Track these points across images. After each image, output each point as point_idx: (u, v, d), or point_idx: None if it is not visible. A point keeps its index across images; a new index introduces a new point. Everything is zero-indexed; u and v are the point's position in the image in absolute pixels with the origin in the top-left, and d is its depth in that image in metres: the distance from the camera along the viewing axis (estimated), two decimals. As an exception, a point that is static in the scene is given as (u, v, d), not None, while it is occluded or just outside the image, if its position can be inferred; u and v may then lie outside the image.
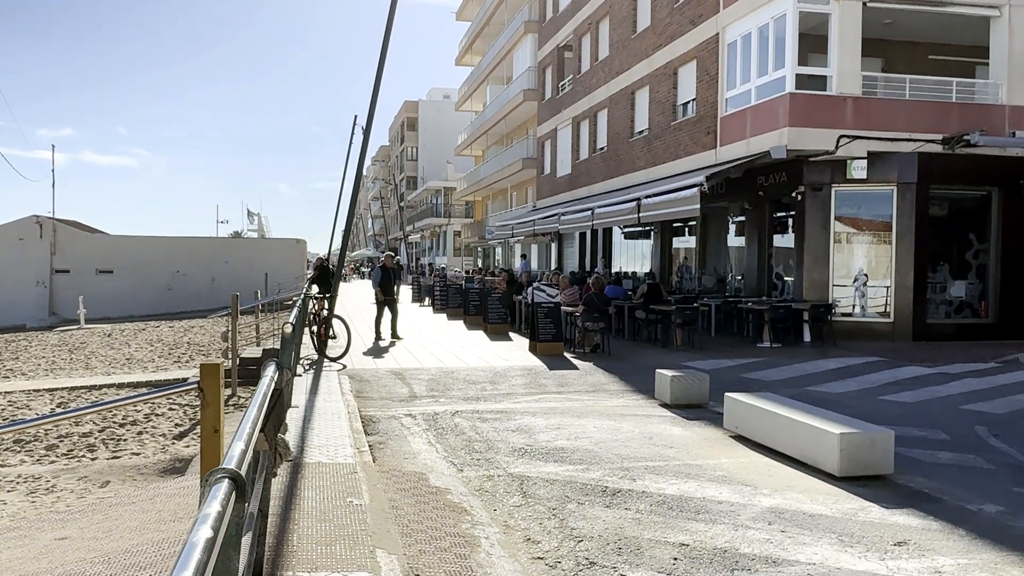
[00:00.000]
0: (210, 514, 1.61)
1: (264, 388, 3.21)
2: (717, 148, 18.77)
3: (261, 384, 3.33)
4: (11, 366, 20.09)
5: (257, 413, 2.69)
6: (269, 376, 3.51)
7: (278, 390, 3.61)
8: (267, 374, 3.58)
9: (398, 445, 7.68)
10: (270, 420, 3.40)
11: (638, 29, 23.93)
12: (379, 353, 14.94)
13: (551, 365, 13.22)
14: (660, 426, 8.64)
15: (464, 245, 61.53)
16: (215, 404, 4.26)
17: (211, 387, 4.26)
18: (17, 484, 8.45)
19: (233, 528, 1.87)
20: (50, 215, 38.28)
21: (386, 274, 17.05)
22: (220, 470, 1.87)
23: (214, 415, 4.26)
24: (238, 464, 1.98)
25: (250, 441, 2.28)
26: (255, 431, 2.46)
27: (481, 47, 49.72)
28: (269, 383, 3.39)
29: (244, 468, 2.03)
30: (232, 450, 2.11)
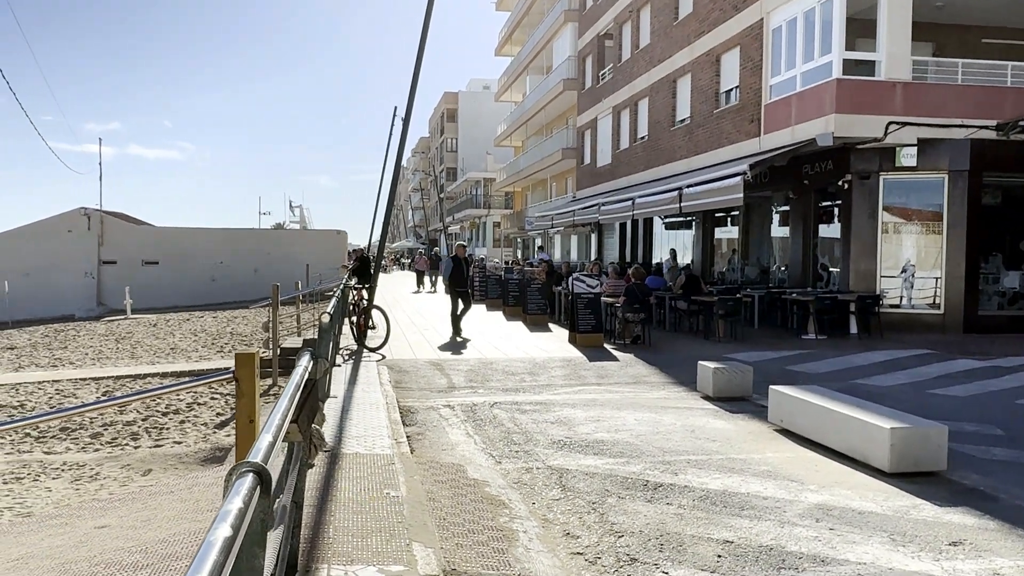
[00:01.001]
0: (230, 511, 1.53)
1: (296, 379, 3.14)
2: (761, 136, 18.41)
3: (294, 375, 3.27)
4: (60, 355, 20.51)
5: (288, 404, 2.62)
6: (303, 367, 3.44)
7: (312, 380, 3.54)
8: (301, 364, 3.52)
9: (436, 436, 7.62)
10: (303, 411, 3.33)
11: (680, 16, 23.56)
12: (418, 344, 14.92)
13: (591, 356, 13.08)
14: (702, 419, 8.46)
15: (504, 236, 61.48)
16: (250, 394, 4.22)
17: (247, 377, 4.22)
18: (62, 471, 8.57)
19: (257, 524, 1.79)
20: (97, 207, 38.99)
21: (458, 265, 16.13)
22: (245, 464, 1.79)
23: (249, 405, 4.22)
24: (264, 458, 1.90)
25: (279, 433, 2.20)
26: (285, 423, 2.38)
27: (521, 37, 49.50)
28: (302, 374, 3.32)
29: (271, 461, 1.95)
30: (260, 443, 2.03)
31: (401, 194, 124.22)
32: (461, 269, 16.04)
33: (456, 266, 15.99)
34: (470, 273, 16.80)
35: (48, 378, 15.26)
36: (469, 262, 16.73)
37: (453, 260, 16.23)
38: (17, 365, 18.64)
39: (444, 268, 16.95)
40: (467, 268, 16.58)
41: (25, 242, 35.86)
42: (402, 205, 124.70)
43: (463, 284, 16.10)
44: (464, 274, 16.20)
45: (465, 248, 16.87)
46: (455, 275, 15.95)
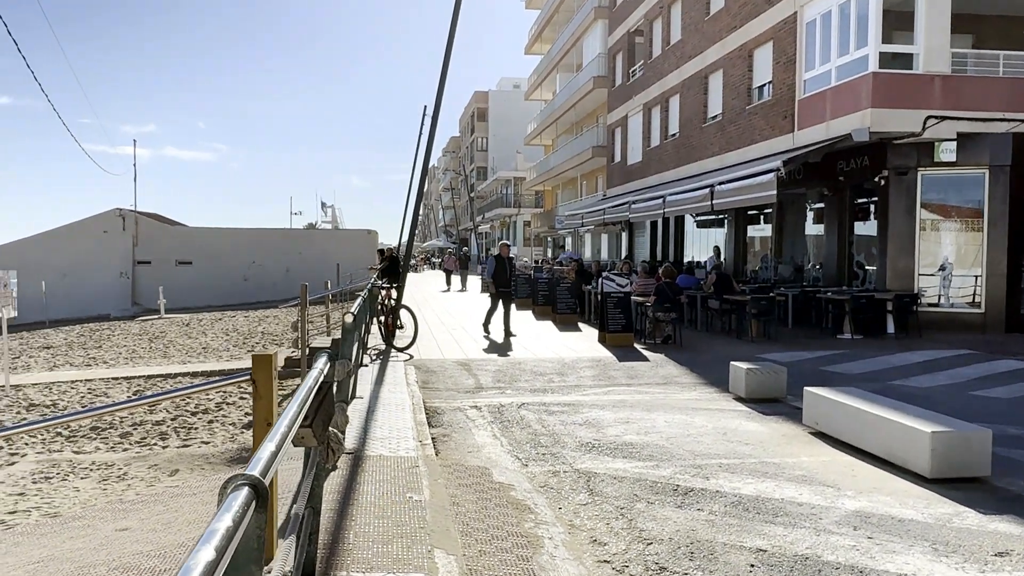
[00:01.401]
0: (217, 531, 1.41)
1: (309, 382, 3.03)
2: (794, 132, 18.07)
3: (307, 378, 3.16)
4: (95, 354, 20.74)
5: (298, 409, 2.51)
6: (317, 369, 3.33)
7: (327, 383, 3.44)
8: (316, 367, 3.41)
9: (462, 438, 7.51)
10: (319, 415, 3.22)
11: (711, 11, 23.24)
12: (446, 343, 14.83)
13: (621, 356, 12.89)
14: (735, 421, 8.26)
15: (534, 235, 61.32)
16: (267, 396, 4.12)
17: (263, 379, 4.12)
18: (91, 471, 8.58)
19: (253, 540, 1.67)
20: (132, 208, 39.47)
21: (500, 265, 15.70)
22: (240, 476, 1.68)
23: (266, 408, 4.12)
24: (264, 469, 1.78)
25: (283, 442, 2.09)
26: (292, 429, 2.27)
27: (551, 35, 49.31)
28: (317, 376, 3.22)
29: (276, 468, 1.83)
30: (260, 452, 1.92)
31: (432, 193, 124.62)
32: (504, 268, 15.69)
33: (499, 265, 15.64)
34: (513, 273, 16.25)
35: (81, 377, 15.41)
36: (513, 262, 16.21)
37: (496, 259, 15.80)
38: (52, 364, 18.88)
39: (487, 267, 16.32)
40: (510, 268, 16.14)
41: (62, 242, 36.41)
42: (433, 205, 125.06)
43: (506, 284, 15.74)
44: (507, 274, 15.83)
45: (509, 247, 16.36)
46: (498, 275, 15.59)
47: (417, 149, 37.91)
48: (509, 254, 16.17)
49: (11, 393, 13.71)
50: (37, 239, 36.37)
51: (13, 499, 7.68)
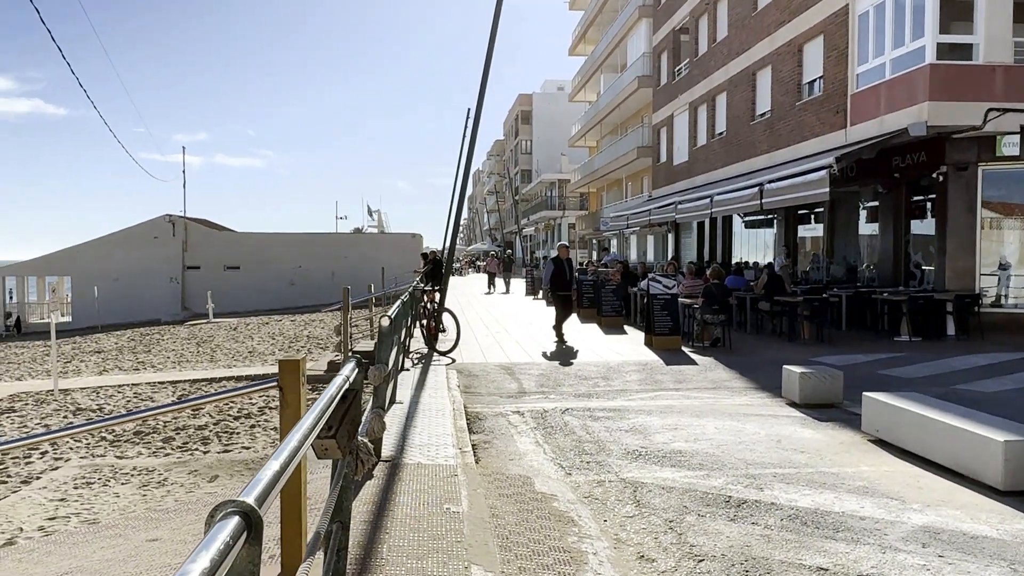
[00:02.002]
0: (191, 572, 1.18)
1: (332, 389, 2.81)
2: (847, 128, 17.50)
3: (330, 385, 2.94)
4: (143, 358, 21.00)
5: (314, 421, 2.29)
6: (342, 376, 3.12)
7: (353, 390, 3.22)
8: (341, 374, 3.19)
9: (503, 445, 7.27)
10: (343, 425, 3.01)
11: (759, 6, 22.71)
12: (489, 347, 14.61)
13: (668, 360, 12.54)
14: (789, 428, 7.89)
15: (579, 237, 60.91)
16: (295, 405, 3.92)
17: (291, 386, 3.92)
18: (132, 477, 8.54)
19: None
20: (181, 214, 40.07)
21: (559, 267, 14.88)
22: (230, 504, 1.46)
23: (294, 416, 3.92)
24: (261, 495, 1.56)
25: (290, 460, 1.87)
26: (303, 445, 2.05)
27: (594, 36, 48.93)
28: (341, 383, 3.00)
29: (270, 497, 1.61)
30: (261, 474, 1.70)
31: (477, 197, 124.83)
32: (563, 272, 14.87)
33: (558, 268, 14.85)
34: (573, 276, 15.45)
35: (128, 381, 15.54)
36: (572, 264, 15.42)
37: (554, 262, 15.03)
38: (102, 368, 19.13)
39: (545, 271, 15.53)
40: (570, 271, 15.18)
41: (114, 248, 37.11)
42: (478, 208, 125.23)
43: (566, 288, 14.95)
44: (567, 277, 14.96)
45: (568, 248, 15.68)
46: (557, 278, 14.83)
47: (461, 152, 37.82)
48: (568, 255, 15.42)
49: (60, 397, 13.86)
50: (90, 245, 37.11)
51: (54, 504, 7.65)
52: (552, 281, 14.95)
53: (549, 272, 15.02)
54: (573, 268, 15.38)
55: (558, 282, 14.84)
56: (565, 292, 14.94)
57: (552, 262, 15.14)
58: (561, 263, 14.91)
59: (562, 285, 14.87)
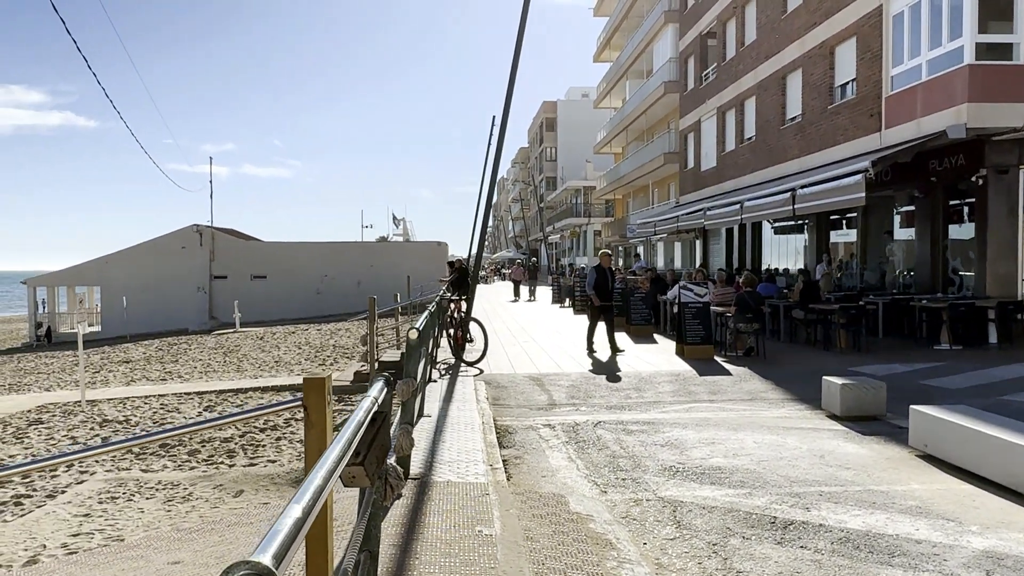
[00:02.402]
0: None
1: (360, 414, 2.60)
2: (882, 131, 17.11)
3: (358, 408, 2.73)
4: (171, 368, 20.99)
5: (340, 453, 2.09)
6: (370, 398, 2.90)
7: (382, 413, 3.01)
8: (368, 394, 2.98)
9: (535, 460, 7.03)
10: (372, 450, 2.80)
11: (788, 9, 22.36)
12: (517, 357, 14.38)
13: (701, 370, 12.23)
14: (831, 442, 7.58)
15: (605, 244, 60.55)
16: (320, 424, 3.71)
17: (316, 404, 3.72)
18: (156, 491, 8.41)
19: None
20: (209, 224, 40.27)
21: (601, 276, 14.36)
22: (243, 565, 1.24)
23: (319, 437, 3.71)
24: (278, 552, 1.34)
25: (314, 504, 1.66)
26: (327, 483, 1.84)
27: (619, 42, 48.68)
28: (369, 406, 2.79)
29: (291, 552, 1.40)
30: (279, 524, 1.48)
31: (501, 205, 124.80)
32: (606, 280, 14.37)
33: (600, 277, 14.34)
34: (616, 285, 14.83)
35: (155, 392, 15.49)
36: (615, 273, 14.92)
37: (596, 270, 14.54)
38: (130, 379, 19.13)
39: (587, 279, 14.95)
40: (612, 279, 14.76)
41: (143, 259, 37.36)
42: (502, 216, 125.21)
43: (608, 297, 14.46)
44: (609, 286, 14.47)
45: (610, 256, 15.12)
46: (598, 287, 14.27)
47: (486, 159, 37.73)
48: (611, 264, 14.91)
49: (87, 408, 13.82)
50: (119, 256, 37.39)
51: (78, 520, 7.52)
52: (595, 289, 14.40)
53: (591, 280, 14.47)
54: (615, 276, 14.87)
55: (600, 291, 14.34)
56: (607, 302, 14.46)
57: (594, 270, 14.63)
58: (604, 271, 14.44)
59: (604, 294, 14.39)
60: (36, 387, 18.94)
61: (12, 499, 8.49)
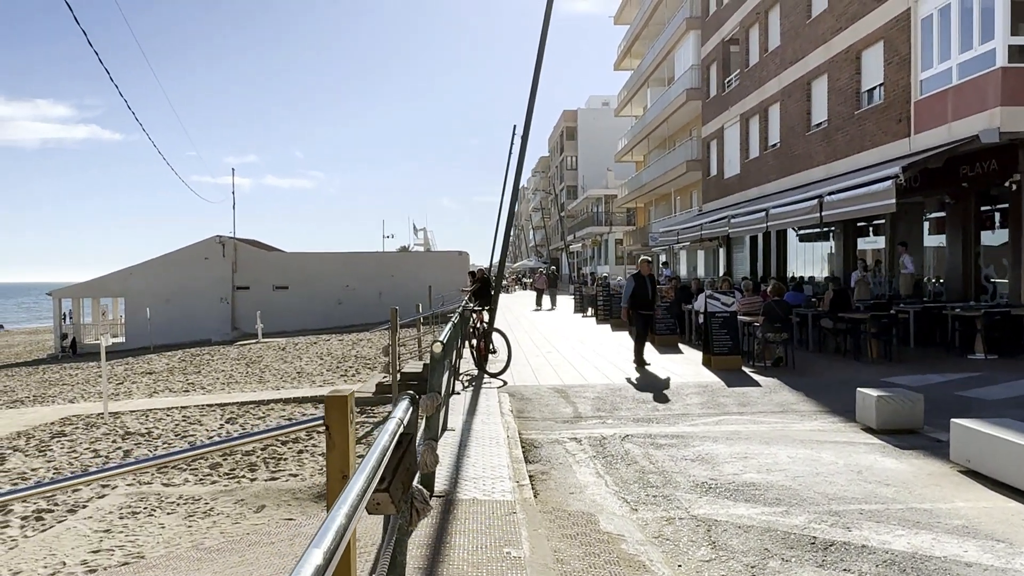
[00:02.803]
0: None
1: (385, 438, 2.44)
2: (911, 136, 16.79)
3: (383, 432, 2.57)
4: (193, 379, 20.98)
5: (364, 484, 1.93)
6: (395, 419, 2.74)
7: (408, 435, 2.85)
8: (394, 415, 2.81)
9: (562, 476, 6.84)
10: (397, 475, 2.64)
11: (813, 13, 22.09)
12: (541, 368, 14.19)
13: (729, 381, 11.98)
14: (868, 457, 7.33)
15: (627, 253, 60.25)
16: (343, 445, 3.55)
17: (338, 424, 3.56)
18: (178, 506, 8.30)
19: None
20: (231, 235, 40.43)
21: (641, 284, 13.73)
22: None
23: (342, 458, 3.55)
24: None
25: (337, 546, 1.49)
26: (352, 519, 1.67)
27: (640, 49, 48.50)
28: (395, 428, 2.62)
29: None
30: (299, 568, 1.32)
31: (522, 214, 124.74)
32: (645, 289, 13.74)
33: (639, 286, 13.73)
34: (656, 294, 14.20)
35: (177, 404, 15.45)
36: (655, 281, 14.31)
37: (635, 278, 13.89)
38: (152, 390, 19.13)
39: (625, 289, 14.25)
40: (653, 288, 14.02)
41: (166, 270, 37.57)
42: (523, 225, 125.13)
43: (648, 307, 13.84)
44: (649, 295, 13.80)
45: (650, 264, 14.43)
46: (637, 296, 13.68)
47: (507, 168, 37.67)
48: (651, 271, 14.27)
49: (109, 421, 13.79)
50: (143, 267, 37.62)
51: (99, 536, 7.42)
52: (632, 299, 13.81)
53: (629, 289, 13.87)
54: (656, 285, 14.39)
55: (639, 300, 13.75)
56: (648, 311, 13.91)
57: (633, 278, 14.00)
58: (643, 279, 13.84)
59: (644, 303, 13.78)
60: (60, 399, 18.99)
61: (34, 513, 8.42)
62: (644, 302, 13.79)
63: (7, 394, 21.13)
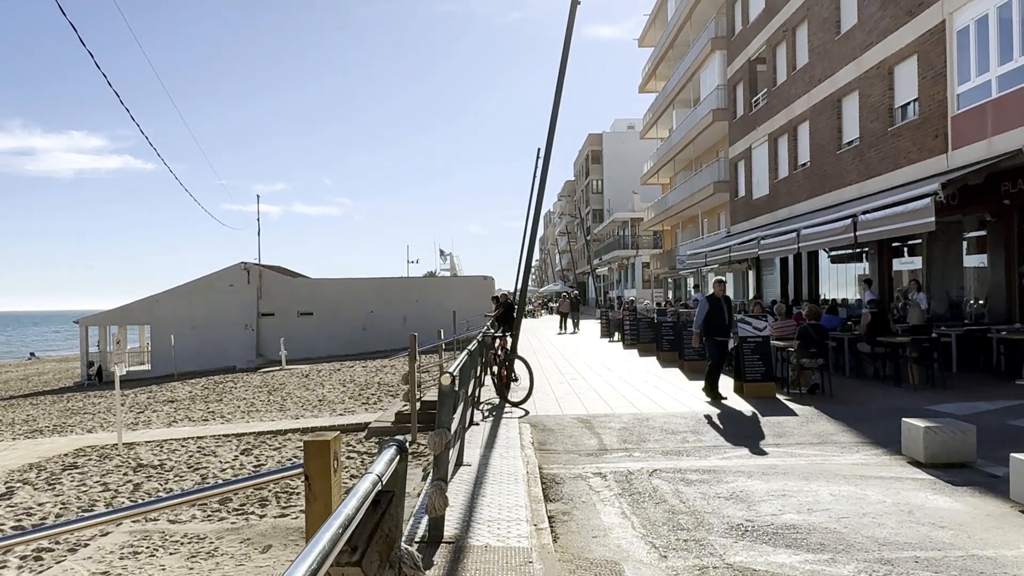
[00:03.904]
0: None
1: (351, 505, 1.97)
2: (948, 152, 16.17)
3: (350, 496, 2.10)
4: (214, 408, 20.69)
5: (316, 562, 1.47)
6: (372, 476, 2.27)
7: (388, 492, 2.39)
8: (372, 470, 2.35)
9: (585, 517, 6.33)
10: (373, 543, 2.18)
11: (843, 29, 21.58)
12: (565, 396, 13.68)
13: (763, 410, 11.39)
14: (918, 494, 6.74)
15: (654, 276, 59.57)
16: (326, 496, 3.10)
17: (319, 474, 3.11)
18: (181, 545, 7.89)
19: None
20: (256, 261, 40.38)
21: (716, 308, 12.51)
22: None
23: (323, 513, 3.10)
24: None
25: None
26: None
27: (665, 71, 48.16)
28: (368, 489, 2.16)
29: None
30: None
31: (548, 238, 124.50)
32: (721, 312, 12.54)
33: (714, 308, 12.53)
34: (732, 319, 12.90)
35: (194, 434, 15.12)
36: (731, 303, 13.16)
37: (710, 300, 12.67)
38: (171, 419, 18.85)
39: (698, 312, 12.99)
40: (729, 312, 12.77)
41: (191, 297, 37.54)
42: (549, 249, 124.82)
43: (723, 332, 12.56)
44: (725, 319, 12.56)
45: (724, 284, 13.28)
46: (712, 320, 12.46)
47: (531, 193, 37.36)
48: (725, 292, 13.05)
49: (123, 452, 13.47)
50: (169, 295, 37.62)
51: (96, 579, 7.04)
52: (707, 324, 12.53)
53: (703, 312, 12.58)
54: (732, 308, 13.28)
55: (715, 325, 12.47)
56: (723, 337, 12.60)
57: (707, 300, 12.72)
58: (718, 302, 12.58)
59: (719, 328, 12.50)
60: (79, 428, 18.77)
61: (33, 553, 8.07)
62: (720, 327, 12.53)
63: (28, 423, 20.98)
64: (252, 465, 11.59)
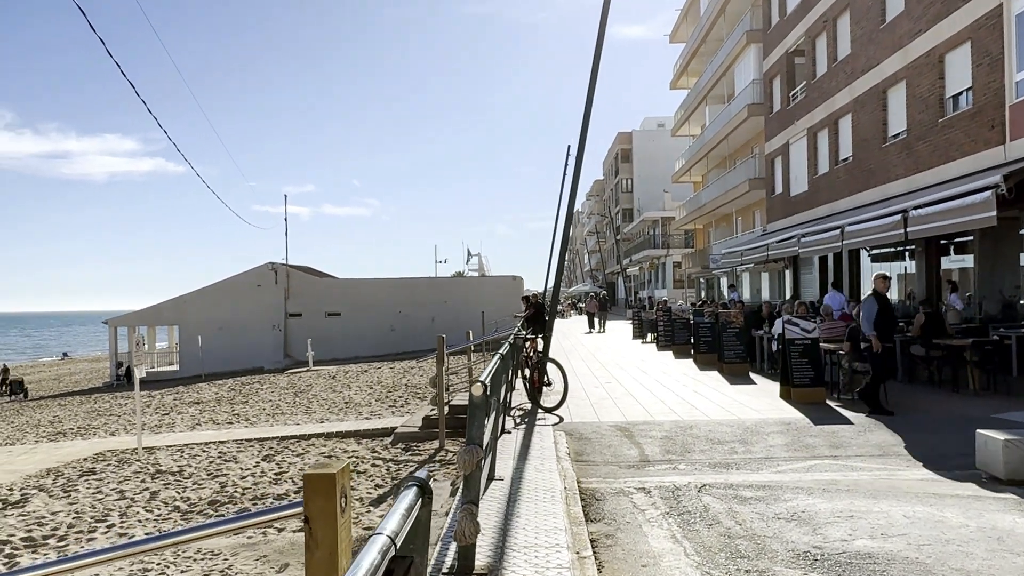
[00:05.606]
0: None
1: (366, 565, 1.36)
2: (1006, 143, 15.28)
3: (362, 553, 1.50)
4: (239, 410, 20.30)
5: None
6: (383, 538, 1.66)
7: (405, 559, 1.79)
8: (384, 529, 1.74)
9: (631, 541, 5.69)
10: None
11: (887, 18, 20.68)
12: (600, 401, 13.03)
13: (814, 418, 10.65)
14: (1005, 517, 6.02)
15: (686, 276, 58.59)
16: (330, 542, 2.49)
17: (322, 514, 2.51)
18: (194, 562, 7.39)
19: None
20: (283, 262, 40.11)
21: (885, 307, 11.01)
22: None
23: (326, 562, 2.50)
24: None
25: None
26: None
27: (698, 67, 47.25)
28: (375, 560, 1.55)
29: None
30: None
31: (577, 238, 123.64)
32: (892, 313, 11.28)
33: (883, 307, 10.98)
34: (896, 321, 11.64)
35: (216, 438, 14.68)
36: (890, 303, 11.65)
37: (877, 298, 11.03)
38: (196, 422, 18.47)
39: (865, 313, 11.08)
40: (892, 312, 11.45)
41: (219, 297, 37.33)
42: (578, 249, 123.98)
43: (889, 337, 11.16)
44: (892, 320, 11.28)
45: (887, 280, 11.49)
46: (883, 322, 10.87)
47: (561, 191, 36.72)
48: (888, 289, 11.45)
49: (143, 457, 13.05)
50: (197, 295, 37.45)
51: (102, 602, 6.54)
52: (878, 325, 10.82)
53: (872, 313, 10.88)
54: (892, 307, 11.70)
55: (884, 326, 10.90)
56: (889, 343, 11.20)
57: (873, 300, 11.05)
58: (886, 300, 11.09)
59: (887, 334, 10.98)
60: (102, 431, 18.46)
61: (39, 568, 7.57)
62: (890, 330, 11.11)
63: (53, 425, 20.75)
64: (273, 472, 11.08)
